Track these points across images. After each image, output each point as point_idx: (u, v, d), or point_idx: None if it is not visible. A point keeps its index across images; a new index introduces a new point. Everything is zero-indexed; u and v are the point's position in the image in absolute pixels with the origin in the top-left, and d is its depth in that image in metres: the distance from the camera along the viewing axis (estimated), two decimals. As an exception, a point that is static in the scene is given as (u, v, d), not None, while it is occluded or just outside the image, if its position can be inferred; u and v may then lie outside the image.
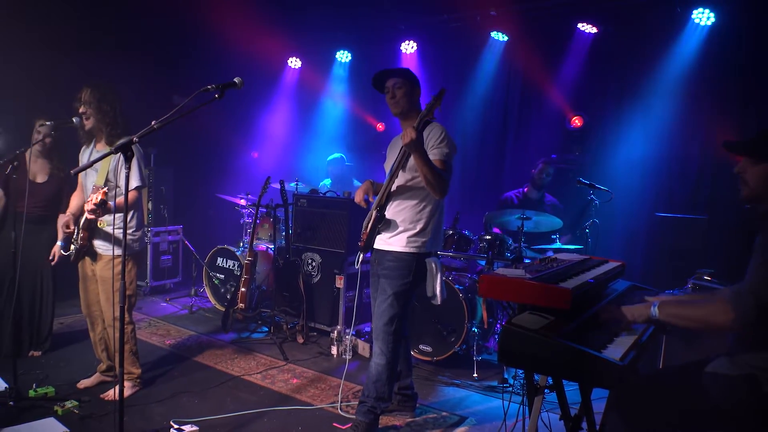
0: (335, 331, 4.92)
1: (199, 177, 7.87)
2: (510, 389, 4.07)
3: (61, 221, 3.74)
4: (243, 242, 6.26)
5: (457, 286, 4.55)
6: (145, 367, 4.09)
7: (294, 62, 8.44)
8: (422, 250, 3.33)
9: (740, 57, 5.15)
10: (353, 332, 4.83)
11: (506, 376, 4.33)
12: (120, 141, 2.52)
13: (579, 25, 6.07)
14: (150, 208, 6.80)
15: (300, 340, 5.15)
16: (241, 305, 5.28)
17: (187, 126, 6.41)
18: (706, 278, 3.81)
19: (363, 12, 7.04)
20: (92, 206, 3.42)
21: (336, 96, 8.14)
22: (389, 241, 3.36)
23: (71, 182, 4.29)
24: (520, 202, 5.70)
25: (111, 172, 3.60)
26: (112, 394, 3.67)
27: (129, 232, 3.68)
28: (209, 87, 2.60)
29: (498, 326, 4.86)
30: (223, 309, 5.54)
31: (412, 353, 4.57)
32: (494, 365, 4.67)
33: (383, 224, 3.33)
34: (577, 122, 6.13)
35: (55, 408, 3.45)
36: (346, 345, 4.78)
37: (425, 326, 4.65)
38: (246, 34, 7.11)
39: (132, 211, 3.69)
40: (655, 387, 2.27)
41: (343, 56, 8.00)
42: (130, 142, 2.51)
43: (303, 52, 8.33)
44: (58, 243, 4.18)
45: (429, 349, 4.64)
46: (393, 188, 3.31)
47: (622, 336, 2.20)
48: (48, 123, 3.63)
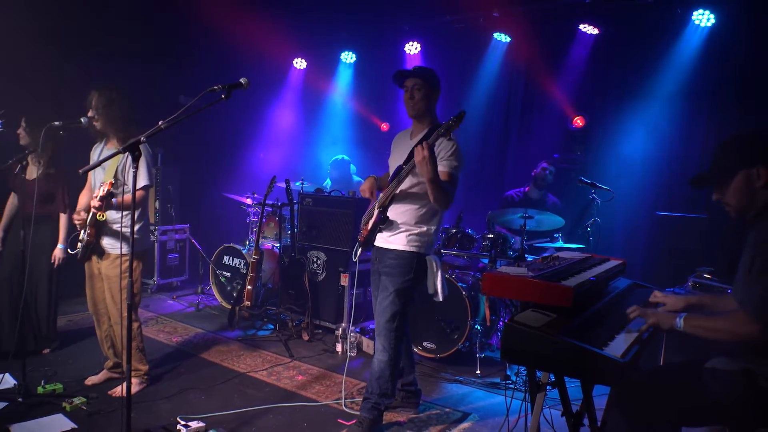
0: (340, 329, 4.95)
1: (206, 176, 7.89)
2: (512, 386, 4.09)
3: (64, 219, 3.75)
4: (249, 241, 6.27)
5: (460, 284, 4.58)
6: (152, 364, 4.12)
7: (299, 63, 8.48)
8: (422, 250, 3.36)
9: (740, 58, 5.18)
10: (357, 329, 4.86)
11: (509, 373, 4.35)
12: (128, 141, 2.53)
13: (580, 27, 6.09)
14: (157, 207, 6.84)
15: (305, 338, 5.18)
16: (247, 303, 5.33)
17: (194, 126, 6.45)
18: (706, 276, 3.85)
19: (367, 13, 7.06)
20: (98, 202, 3.47)
21: (341, 96, 8.17)
22: (390, 240, 3.38)
23: (66, 180, 4.27)
24: (521, 202, 5.72)
25: (119, 172, 3.64)
26: (120, 391, 3.70)
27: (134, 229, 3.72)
28: (216, 87, 2.61)
29: (500, 324, 4.88)
30: (230, 307, 5.57)
31: (416, 350, 4.61)
32: (497, 362, 4.70)
33: (385, 225, 3.35)
34: (579, 122, 6.17)
35: (63, 404, 3.47)
36: (351, 342, 4.82)
37: (429, 324, 4.67)
38: (252, 36, 7.14)
39: (138, 209, 3.72)
40: (656, 383, 2.28)
41: (348, 57, 8.03)
42: (138, 142, 2.52)
43: (308, 53, 8.37)
44: (59, 246, 4.22)
45: (432, 346, 4.67)
46: (398, 191, 3.32)
47: (624, 333, 2.21)
48: (56, 123, 3.67)
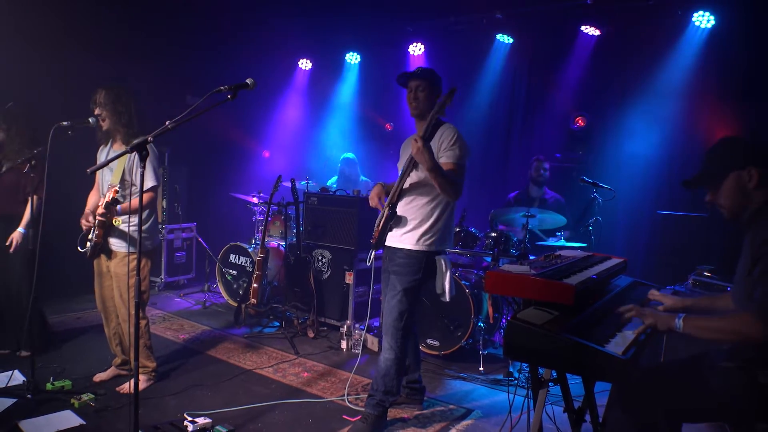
0: (345, 326, 4.99)
1: (213, 176, 7.92)
2: (515, 382, 4.11)
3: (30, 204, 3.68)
4: (255, 239, 6.31)
5: (464, 282, 4.62)
6: (160, 361, 4.15)
7: (305, 64, 8.53)
8: (432, 248, 3.37)
9: (740, 59, 5.20)
10: (362, 327, 4.91)
11: (511, 370, 4.38)
12: (135, 140, 2.53)
13: (582, 28, 6.13)
14: (164, 206, 6.89)
15: (310, 335, 5.21)
16: (253, 301, 5.38)
17: (201, 126, 6.46)
18: (707, 274, 3.88)
19: (372, 15, 7.10)
20: (102, 210, 3.50)
21: (345, 97, 8.21)
22: (401, 239, 3.41)
23: (41, 168, 4.04)
24: (523, 201, 5.77)
25: (127, 172, 3.64)
26: (128, 387, 3.73)
27: (142, 228, 3.75)
28: (222, 88, 2.63)
29: (503, 321, 4.90)
30: (236, 304, 5.62)
31: (420, 347, 4.64)
32: (500, 359, 4.75)
33: (394, 221, 3.37)
34: (581, 122, 6.18)
35: (72, 401, 3.50)
36: (356, 339, 4.87)
37: (433, 321, 4.72)
38: (258, 36, 7.19)
39: (147, 210, 3.74)
40: (657, 380, 2.30)
41: (353, 58, 8.07)
42: (145, 142, 2.52)
43: (313, 54, 8.43)
44: (19, 229, 4.17)
45: (436, 344, 4.71)
46: (405, 186, 3.36)
47: (625, 331, 2.23)
48: (65, 123, 3.68)
